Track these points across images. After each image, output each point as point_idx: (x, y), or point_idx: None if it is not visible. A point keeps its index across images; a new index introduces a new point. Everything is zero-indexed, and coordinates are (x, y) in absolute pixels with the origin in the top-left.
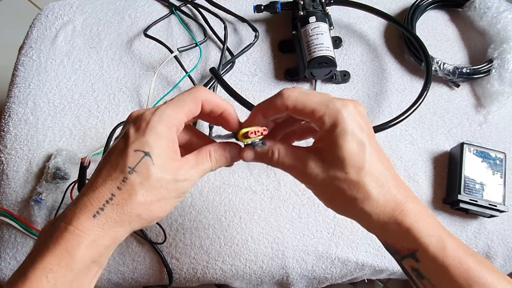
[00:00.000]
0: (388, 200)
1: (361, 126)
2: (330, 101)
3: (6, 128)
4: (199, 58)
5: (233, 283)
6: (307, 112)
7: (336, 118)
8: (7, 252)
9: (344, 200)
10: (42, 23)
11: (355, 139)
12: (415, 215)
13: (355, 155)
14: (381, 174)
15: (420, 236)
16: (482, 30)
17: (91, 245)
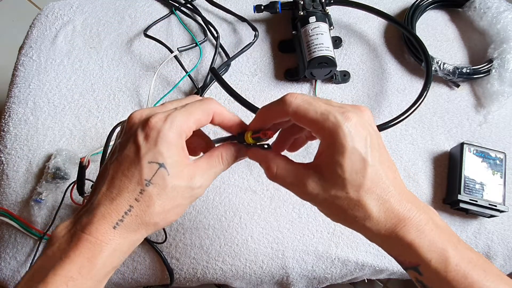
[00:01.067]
0: (390, 216)
1: (364, 139)
2: (331, 114)
3: (6, 128)
4: (199, 58)
5: (233, 283)
6: (307, 122)
7: (335, 133)
8: (7, 252)
9: (346, 217)
10: (42, 23)
11: (356, 155)
12: (418, 230)
13: (355, 173)
14: (383, 191)
15: (421, 252)
16: (482, 30)
17: (112, 254)
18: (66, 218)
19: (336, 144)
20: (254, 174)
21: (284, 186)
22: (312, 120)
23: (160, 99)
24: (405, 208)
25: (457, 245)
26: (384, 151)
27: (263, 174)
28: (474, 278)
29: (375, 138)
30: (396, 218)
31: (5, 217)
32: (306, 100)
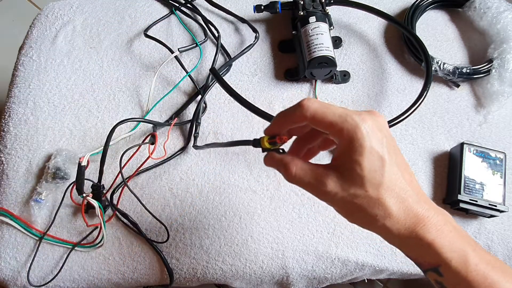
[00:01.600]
0: (409, 215)
1: (381, 140)
2: (348, 116)
3: (6, 128)
4: (199, 58)
5: (233, 283)
6: (326, 124)
7: (354, 133)
8: (7, 252)
9: (365, 216)
10: (42, 23)
11: (374, 155)
12: (437, 230)
13: (374, 172)
14: (402, 190)
15: (442, 252)
16: (482, 30)
17: None
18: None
19: (355, 144)
20: (254, 174)
21: (303, 187)
22: (330, 123)
23: (160, 99)
24: (423, 208)
25: (475, 247)
26: (400, 154)
27: (263, 174)
28: (494, 279)
29: (390, 140)
30: (416, 218)
31: (5, 217)
32: (323, 104)
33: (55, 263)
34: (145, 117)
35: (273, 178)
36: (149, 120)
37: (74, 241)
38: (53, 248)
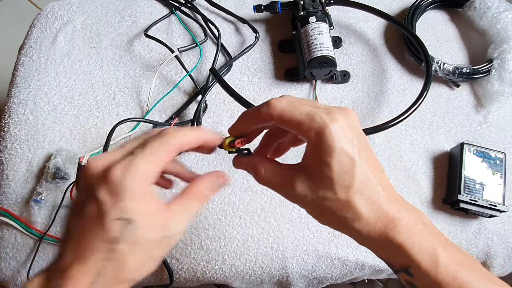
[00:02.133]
0: (379, 217)
1: (351, 140)
2: (317, 114)
3: (6, 128)
4: (199, 58)
5: (233, 283)
6: (293, 124)
7: (322, 133)
8: (7, 252)
9: (334, 219)
10: (42, 23)
11: (344, 156)
12: (408, 231)
13: (344, 173)
14: (372, 191)
15: (412, 253)
16: (482, 30)
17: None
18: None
19: (323, 145)
20: None
21: (273, 189)
22: (297, 122)
23: (160, 99)
24: (394, 208)
25: (446, 245)
26: (371, 152)
27: None
28: (463, 279)
29: (361, 139)
30: (386, 219)
31: (5, 217)
32: (291, 102)
33: None
34: (145, 117)
35: None
36: (149, 120)
37: None
38: (53, 248)
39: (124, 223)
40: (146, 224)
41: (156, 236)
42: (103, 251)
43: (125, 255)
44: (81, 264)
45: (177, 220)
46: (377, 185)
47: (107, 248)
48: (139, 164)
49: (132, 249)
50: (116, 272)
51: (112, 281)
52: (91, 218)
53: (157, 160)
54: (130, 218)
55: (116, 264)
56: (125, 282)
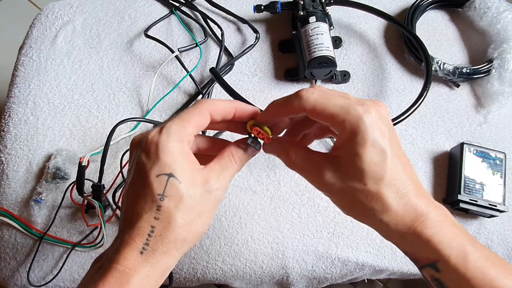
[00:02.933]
0: (408, 210)
1: (383, 132)
2: (351, 106)
3: (6, 128)
4: (199, 58)
5: (233, 283)
6: (326, 116)
7: (356, 125)
8: (7, 252)
9: (362, 210)
10: (42, 23)
11: (376, 148)
12: (436, 226)
13: (375, 165)
14: (402, 184)
15: (441, 248)
16: (482, 30)
17: (141, 284)
18: (66, 219)
19: (357, 137)
20: (254, 174)
21: (302, 175)
22: (331, 115)
23: (161, 99)
24: (423, 203)
25: (474, 242)
26: (401, 146)
27: (263, 174)
28: (492, 275)
29: (393, 132)
30: (415, 213)
31: (5, 217)
32: (323, 94)
33: (55, 263)
34: (145, 117)
35: (273, 178)
36: (150, 119)
37: (74, 241)
38: (53, 248)
39: (165, 178)
40: (186, 179)
41: (198, 191)
42: (150, 211)
43: (172, 212)
44: (132, 228)
45: (215, 177)
46: (406, 179)
47: (154, 207)
48: (172, 126)
49: (177, 205)
50: (165, 231)
51: (163, 240)
52: (136, 182)
53: (189, 121)
54: (170, 173)
55: (164, 222)
56: (177, 242)
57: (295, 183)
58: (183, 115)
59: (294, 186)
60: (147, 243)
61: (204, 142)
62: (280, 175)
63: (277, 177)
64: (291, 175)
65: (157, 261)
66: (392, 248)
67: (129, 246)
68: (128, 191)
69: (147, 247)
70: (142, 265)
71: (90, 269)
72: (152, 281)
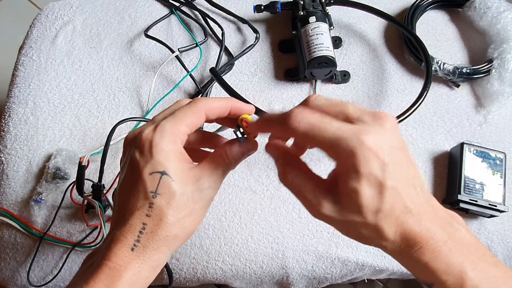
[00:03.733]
0: (406, 238)
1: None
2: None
3: (6, 128)
4: (199, 58)
5: (233, 283)
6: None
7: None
8: (7, 252)
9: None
10: (42, 23)
11: (372, 181)
12: (434, 252)
13: (372, 199)
14: (401, 212)
15: (437, 274)
16: (482, 30)
17: (132, 280)
18: (66, 219)
19: (351, 170)
20: (254, 174)
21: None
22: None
23: (161, 99)
24: (424, 228)
25: (478, 263)
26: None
27: (263, 174)
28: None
29: (396, 153)
30: (412, 240)
31: (5, 217)
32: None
33: (55, 263)
34: (145, 116)
35: (273, 178)
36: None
37: (74, 241)
38: (53, 248)
39: (158, 176)
40: (178, 177)
41: (189, 189)
42: (142, 208)
43: (163, 209)
44: (124, 225)
45: (207, 175)
46: (408, 205)
47: (146, 204)
48: (166, 124)
49: (169, 202)
50: (156, 227)
51: (154, 237)
52: (129, 179)
53: (184, 121)
54: (163, 171)
55: (155, 219)
56: (168, 239)
57: None
58: (177, 114)
59: None
60: (138, 240)
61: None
62: None
63: (277, 177)
64: None
65: (148, 258)
66: None
67: (120, 242)
68: (121, 188)
69: (138, 243)
70: (133, 261)
71: (82, 266)
72: (144, 277)
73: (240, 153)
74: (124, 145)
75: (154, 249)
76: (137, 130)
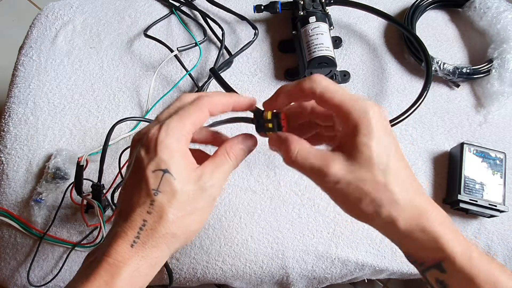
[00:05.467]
0: (415, 205)
1: (387, 127)
2: (359, 99)
3: (6, 128)
4: (198, 58)
5: (233, 283)
6: (334, 104)
7: (364, 116)
8: (7, 252)
9: (369, 203)
10: (42, 23)
11: (383, 139)
12: (441, 223)
13: (382, 156)
14: (406, 179)
15: (448, 246)
16: (482, 30)
17: (130, 276)
18: (66, 219)
19: (363, 127)
20: (254, 174)
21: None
22: (340, 102)
23: (160, 98)
24: (426, 200)
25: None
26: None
27: (263, 174)
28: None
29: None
30: (420, 209)
31: (5, 217)
32: (334, 83)
33: (55, 263)
34: (145, 116)
35: (273, 178)
36: (149, 119)
37: (74, 241)
38: (53, 248)
39: (161, 174)
40: (181, 176)
41: (191, 188)
42: (144, 205)
43: (164, 206)
44: (125, 221)
45: (209, 174)
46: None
47: (148, 201)
48: (171, 123)
49: (170, 200)
50: (156, 224)
51: (153, 234)
52: (134, 177)
53: (189, 119)
54: (166, 169)
55: (155, 216)
56: (167, 236)
57: (295, 183)
58: (181, 112)
59: (294, 186)
60: (138, 236)
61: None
62: (280, 175)
63: (277, 177)
64: (291, 175)
65: (147, 255)
66: (392, 248)
67: (121, 238)
68: (125, 185)
69: (137, 240)
70: (132, 258)
71: (83, 263)
72: (143, 274)
73: (241, 151)
74: (131, 144)
75: (153, 246)
76: (143, 129)
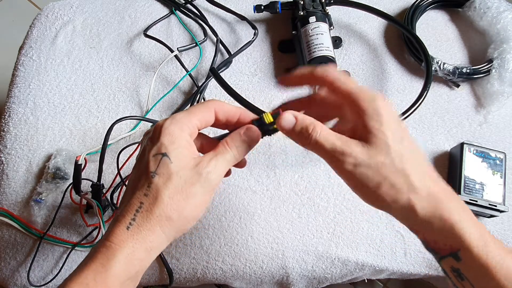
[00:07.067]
0: (432, 193)
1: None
2: (368, 89)
3: (6, 128)
4: (199, 58)
5: (233, 283)
6: (343, 91)
7: (373, 104)
8: (7, 252)
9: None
10: (42, 23)
11: (396, 126)
12: (458, 212)
13: (397, 143)
14: (421, 165)
15: (464, 234)
16: (482, 30)
17: (126, 259)
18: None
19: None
20: (254, 174)
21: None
22: (350, 90)
23: (160, 98)
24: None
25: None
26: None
27: (263, 174)
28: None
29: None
30: (437, 197)
31: (5, 217)
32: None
33: (55, 263)
34: (145, 116)
35: (273, 178)
36: (149, 118)
37: (74, 241)
38: (53, 248)
39: (159, 157)
40: (179, 161)
41: (187, 173)
42: (142, 188)
43: (160, 189)
44: (125, 204)
45: (207, 161)
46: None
47: (146, 184)
48: (178, 115)
49: (165, 183)
50: (151, 206)
51: (148, 216)
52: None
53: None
54: (164, 153)
55: (151, 198)
56: (161, 219)
57: (295, 183)
58: (190, 108)
59: (294, 186)
60: (134, 219)
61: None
62: (280, 175)
63: (277, 177)
64: (291, 175)
65: (142, 238)
66: (392, 248)
67: (119, 222)
68: (132, 172)
69: (133, 222)
70: (128, 240)
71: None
72: (138, 258)
73: (242, 141)
74: (142, 137)
75: (148, 229)
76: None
